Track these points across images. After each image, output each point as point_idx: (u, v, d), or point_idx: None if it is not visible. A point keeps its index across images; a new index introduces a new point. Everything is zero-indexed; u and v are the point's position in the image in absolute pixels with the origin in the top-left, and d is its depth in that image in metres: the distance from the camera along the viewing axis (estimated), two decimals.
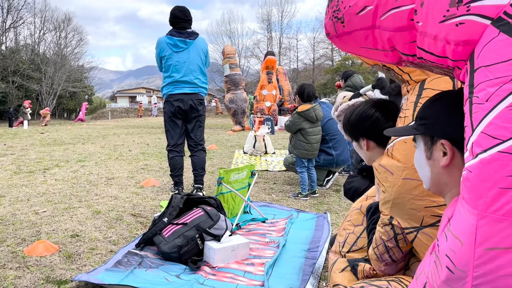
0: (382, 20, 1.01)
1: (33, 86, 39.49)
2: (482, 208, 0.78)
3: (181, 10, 4.15)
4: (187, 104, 4.09)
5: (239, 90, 13.98)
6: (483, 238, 0.78)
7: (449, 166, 1.01)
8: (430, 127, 1.04)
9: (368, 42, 1.09)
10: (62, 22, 46.75)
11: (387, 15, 1.00)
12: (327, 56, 50.87)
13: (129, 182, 4.88)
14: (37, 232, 3.01)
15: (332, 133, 4.57)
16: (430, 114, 1.06)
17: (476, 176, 0.80)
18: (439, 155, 1.02)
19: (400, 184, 1.38)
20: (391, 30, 1.01)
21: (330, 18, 1.14)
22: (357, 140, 1.75)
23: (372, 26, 1.05)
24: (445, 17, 0.86)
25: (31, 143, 9.43)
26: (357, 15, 1.05)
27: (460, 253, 0.83)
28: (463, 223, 0.83)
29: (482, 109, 0.80)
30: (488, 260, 0.78)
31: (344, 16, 1.09)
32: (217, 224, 2.65)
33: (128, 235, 3.01)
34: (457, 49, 0.87)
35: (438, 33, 0.89)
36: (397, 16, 0.98)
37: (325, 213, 3.57)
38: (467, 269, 0.81)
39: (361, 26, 1.07)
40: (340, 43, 1.18)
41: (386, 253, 1.44)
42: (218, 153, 7.69)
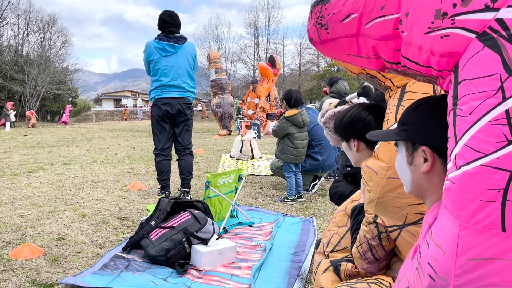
0: (366, 28, 1.01)
1: (16, 87, 38.84)
2: (464, 219, 0.80)
3: (170, 15, 4.17)
4: (175, 108, 4.10)
5: (225, 95, 14.00)
6: (465, 248, 0.80)
7: (429, 172, 1.02)
8: (412, 133, 1.05)
9: (352, 49, 1.09)
10: (46, 23, 46.18)
11: (372, 23, 0.99)
12: (313, 62, 51.26)
13: (115, 185, 4.86)
14: (22, 235, 2.99)
15: (318, 138, 4.63)
16: (412, 120, 1.06)
17: (459, 187, 0.81)
18: (420, 161, 1.03)
19: (384, 183, 1.42)
20: (376, 39, 1.01)
21: (314, 24, 1.14)
22: (347, 141, 1.80)
23: (357, 34, 1.04)
24: (430, 28, 0.87)
25: (14, 146, 9.28)
26: (341, 22, 1.05)
27: (442, 262, 0.84)
28: (446, 232, 0.85)
29: (466, 122, 0.81)
30: (470, 270, 0.80)
31: (328, 23, 1.08)
32: (205, 227, 2.67)
33: (115, 239, 3.00)
34: (442, 60, 0.88)
35: (423, 44, 0.89)
36: (382, 25, 0.98)
37: (311, 218, 3.61)
38: (448, 278, 0.82)
39: (345, 33, 1.06)
40: (324, 49, 1.18)
41: (369, 251, 1.49)
42: (205, 157, 7.70)
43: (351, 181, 2.55)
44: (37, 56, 44.39)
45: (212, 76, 14.14)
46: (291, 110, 4.32)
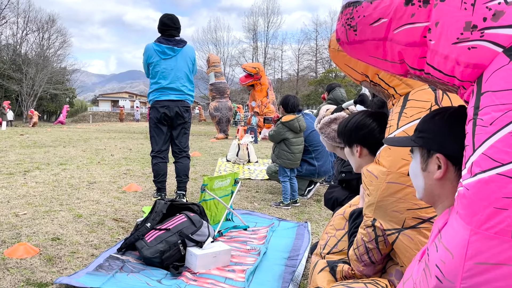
0: (395, 33, 1.04)
1: (13, 86, 38.77)
2: (475, 225, 0.83)
3: (170, 18, 4.20)
4: (173, 110, 4.12)
5: (224, 99, 14.03)
6: (474, 253, 0.83)
7: (442, 179, 1.05)
8: (428, 141, 1.08)
9: (378, 53, 1.12)
10: (45, 23, 46.18)
11: (400, 29, 1.02)
12: (311, 67, 51.46)
13: (111, 186, 4.87)
14: (18, 234, 2.99)
15: (315, 144, 4.66)
16: (429, 129, 1.09)
17: (473, 194, 0.84)
18: (434, 168, 1.06)
19: (384, 188, 1.45)
20: (403, 44, 1.03)
21: (343, 25, 1.16)
22: (350, 146, 1.83)
23: (384, 38, 1.07)
24: (458, 39, 0.90)
25: (11, 145, 9.27)
26: (370, 25, 1.08)
27: (450, 265, 0.87)
28: (456, 236, 0.88)
29: (485, 131, 0.84)
30: (477, 274, 0.83)
31: (357, 24, 1.11)
32: (200, 230, 2.68)
33: (110, 240, 3.01)
34: (466, 71, 0.91)
35: (450, 54, 0.92)
36: (410, 32, 1.01)
37: (306, 222, 3.63)
38: (455, 280, 0.85)
39: (373, 36, 1.09)
40: (350, 50, 1.21)
41: (366, 254, 1.52)
42: (202, 160, 7.71)
43: (346, 187, 2.58)
44: (35, 55, 44.35)
45: (211, 80, 14.18)
46: (288, 115, 4.35)
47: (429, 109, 1.44)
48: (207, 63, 14.52)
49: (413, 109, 1.47)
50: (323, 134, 2.51)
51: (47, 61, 44.52)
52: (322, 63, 51.04)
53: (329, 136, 2.48)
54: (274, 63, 52.98)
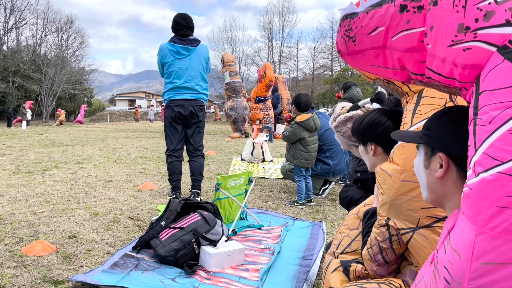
0: (393, 41, 1.06)
1: (33, 86, 39.56)
2: (480, 225, 0.83)
3: (184, 17, 4.22)
4: (188, 110, 4.14)
5: (239, 98, 13.98)
6: (480, 253, 0.83)
7: (443, 178, 1.06)
8: (432, 139, 1.09)
9: (379, 61, 1.14)
10: (64, 24, 47.03)
11: (398, 36, 1.05)
12: (326, 66, 51.20)
13: (127, 185, 4.92)
14: (35, 232, 3.04)
15: (330, 143, 4.62)
16: (435, 127, 1.10)
17: (477, 194, 0.84)
18: (436, 167, 1.07)
19: (398, 186, 1.43)
20: (402, 51, 1.06)
21: (342, 37, 1.19)
22: (364, 145, 1.81)
23: (383, 46, 1.09)
24: (453, 41, 0.91)
25: (30, 144, 9.45)
26: (368, 35, 1.10)
27: (458, 266, 0.87)
28: (462, 237, 0.88)
29: (485, 131, 0.85)
30: (483, 274, 0.83)
31: (355, 35, 1.14)
32: (214, 229, 2.69)
33: (125, 238, 3.04)
34: (464, 72, 0.92)
35: (446, 56, 0.94)
36: (408, 38, 1.03)
37: (321, 222, 3.61)
38: (462, 281, 0.85)
39: (372, 45, 1.12)
40: (351, 61, 1.23)
41: (380, 253, 1.50)
42: (216, 159, 7.73)
43: (361, 186, 2.54)
44: (54, 56, 45.19)
45: (226, 79, 14.15)
46: (303, 114, 4.32)
47: (443, 106, 1.43)
48: (222, 62, 14.50)
49: (427, 106, 1.46)
50: (338, 133, 2.48)
51: (66, 62, 45.32)
52: (338, 61, 50.69)
53: (344, 134, 2.45)
54: (290, 61, 52.88)
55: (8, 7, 41.75)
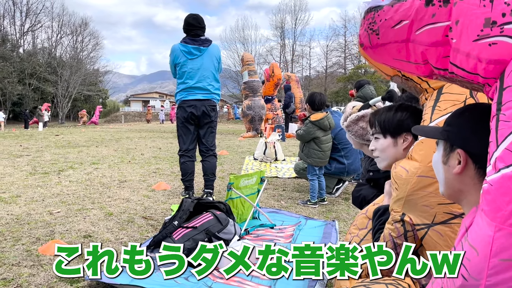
0: (417, 34, 1.05)
1: (49, 88, 40.19)
2: (500, 221, 0.82)
3: (195, 18, 4.24)
4: (200, 110, 4.17)
5: (257, 97, 13.86)
6: (499, 249, 0.82)
7: (461, 174, 1.06)
8: (452, 135, 1.09)
9: (402, 55, 1.13)
10: (79, 27, 47.69)
11: (422, 30, 1.04)
12: (339, 64, 50.91)
13: (141, 185, 4.97)
14: (51, 232, 3.10)
15: (345, 142, 4.59)
16: (456, 123, 1.10)
17: (497, 189, 0.84)
18: (454, 163, 1.07)
19: (415, 181, 1.42)
20: (426, 45, 1.05)
21: (365, 30, 1.18)
22: (395, 137, 1.73)
23: (407, 40, 1.08)
24: (479, 36, 0.90)
25: (46, 145, 9.61)
26: (392, 28, 1.09)
27: (475, 262, 0.87)
28: (480, 233, 0.87)
29: (508, 126, 0.84)
30: (502, 270, 0.82)
31: (379, 28, 1.13)
32: (226, 228, 2.70)
33: (139, 237, 3.07)
34: (488, 68, 0.91)
35: (471, 51, 0.93)
36: (432, 32, 1.02)
37: (333, 221, 3.59)
38: (480, 278, 0.85)
39: (395, 39, 1.10)
40: (374, 54, 1.22)
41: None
42: (229, 158, 7.76)
43: (373, 185, 2.53)
44: (69, 58, 45.84)
45: (244, 78, 14.08)
46: (317, 113, 4.30)
47: (463, 102, 1.41)
48: (241, 61, 14.44)
49: (447, 102, 1.44)
50: (350, 132, 2.46)
51: (81, 63, 45.92)
52: (351, 59, 50.41)
53: (356, 134, 2.43)
54: (302, 60, 52.72)
55: (24, 11, 42.57)
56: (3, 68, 34.75)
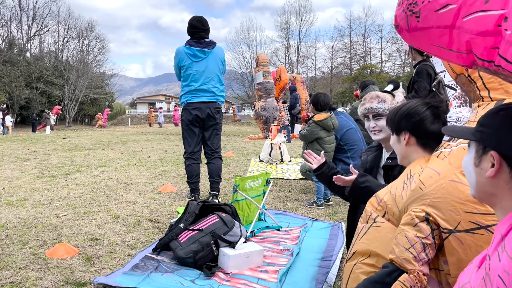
0: (464, 21, 0.95)
1: (56, 92, 40.45)
2: None
3: (199, 20, 4.25)
4: (205, 112, 4.17)
5: (270, 98, 13.73)
6: None
7: (494, 178, 0.99)
8: (486, 137, 1.02)
9: (442, 42, 1.03)
10: (85, 30, 47.98)
11: (471, 17, 0.93)
12: (345, 64, 50.76)
13: (147, 188, 4.98)
14: (58, 235, 3.11)
15: (351, 143, 4.57)
16: (490, 123, 1.03)
17: None
18: (487, 165, 1.00)
19: (445, 185, 1.39)
20: (473, 33, 0.94)
21: (404, 11, 1.08)
22: (398, 134, 1.79)
23: (451, 26, 0.98)
24: None
25: (53, 148, 9.67)
26: (436, 12, 0.99)
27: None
28: None
29: None
30: None
31: (421, 11, 1.02)
32: (232, 230, 2.70)
33: (146, 240, 3.08)
34: None
35: None
36: (482, 20, 0.91)
37: (340, 223, 3.58)
38: None
39: (438, 24, 1.00)
40: (410, 38, 1.13)
41: (423, 251, 1.40)
42: (235, 160, 7.76)
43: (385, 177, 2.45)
44: (76, 61, 46.13)
45: (259, 79, 13.92)
46: (321, 114, 4.29)
47: None
48: (256, 62, 14.23)
49: None
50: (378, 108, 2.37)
51: (87, 67, 46.18)
52: (357, 60, 50.27)
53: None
54: (308, 61, 52.64)
55: (30, 15, 42.89)
56: (10, 72, 35.05)
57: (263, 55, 14.79)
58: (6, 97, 34.04)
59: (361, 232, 1.73)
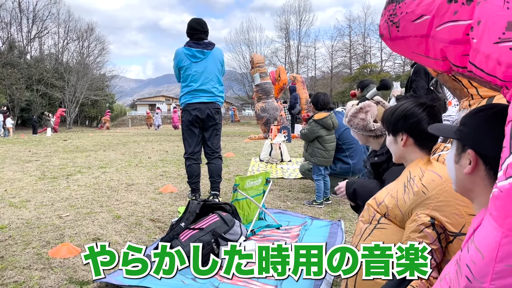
0: (437, 30, 1.04)
1: (56, 94, 40.47)
2: (508, 227, 0.83)
3: (198, 22, 4.29)
4: (204, 113, 4.21)
5: (270, 99, 13.67)
6: (505, 255, 0.83)
7: (471, 174, 1.06)
8: (464, 135, 1.09)
9: (421, 49, 1.12)
10: (85, 32, 47.92)
11: (443, 26, 1.02)
12: (345, 64, 50.74)
13: (148, 188, 5.02)
14: (61, 235, 3.15)
15: (349, 142, 4.61)
16: (468, 123, 1.09)
17: (507, 197, 0.83)
18: (465, 163, 1.07)
19: (448, 189, 1.41)
20: (446, 42, 1.03)
21: (386, 21, 1.18)
22: (395, 135, 1.79)
23: (427, 35, 1.07)
24: (500, 39, 0.88)
25: (55, 150, 9.71)
26: (412, 22, 1.08)
27: (481, 266, 0.87)
28: (488, 238, 0.88)
29: None
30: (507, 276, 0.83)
31: (400, 21, 1.12)
32: (232, 229, 2.73)
33: (147, 239, 3.12)
34: (507, 71, 0.89)
35: (491, 53, 0.91)
36: (453, 29, 1.00)
37: (339, 221, 3.61)
38: (484, 281, 0.86)
39: (415, 33, 1.10)
40: (393, 46, 1.22)
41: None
42: (235, 160, 7.79)
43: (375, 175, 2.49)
44: (76, 63, 46.11)
45: (256, 81, 13.83)
46: (320, 113, 4.33)
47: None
48: (251, 63, 14.10)
49: None
50: (352, 126, 2.48)
51: (87, 69, 46.15)
52: (357, 59, 50.25)
53: (358, 126, 2.45)
54: (308, 61, 52.63)
55: (30, 18, 42.90)
56: (11, 75, 35.06)
57: (258, 56, 14.69)
58: (7, 100, 34.07)
59: (364, 232, 1.75)
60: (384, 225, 1.65)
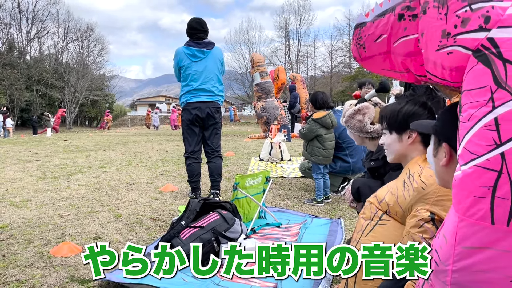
0: (394, 46, 1.18)
1: (56, 94, 40.49)
2: (461, 212, 0.93)
3: (198, 22, 4.30)
4: (204, 112, 4.22)
5: (270, 98, 13.65)
6: (462, 238, 0.93)
7: (447, 166, 1.14)
8: (439, 130, 1.18)
9: (386, 65, 1.26)
10: (84, 32, 47.96)
11: (398, 42, 1.16)
12: (345, 63, 50.73)
13: (149, 187, 5.03)
14: (62, 234, 3.16)
15: (349, 141, 4.62)
16: (441, 119, 1.19)
17: (459, 184, 0.94)
18: (442, 156, 1.16)
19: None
20: (403, 55, 1.17)
21: (355, 45, 1.33)
22: (400, 133, 1.77)
23: (388, 52, 1.21)
24: (439, 46, 1.00)
25: (55, 150, 9.72)
26: (374, 42, 1.22)
27: (444, 250, 0.97)
28: (449, 223, 0.98)
29: (465, 127, 0.94)
30: (465, 257, 0.92)
31: (365, 43, 1.26)
32: (232, 227, 2.75)
33: (148, 238, 3.13)
34: (452, 74, 1.00)
35: (436, 60, 1.03)
36: (406, 43, 1.14)
37: (339, 219, 3.62)
38: (448, 264, 0.96)
39: (378, 51, 1.24)
40: (365, 65, 1.36)
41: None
42: (235, 160, 7.81)
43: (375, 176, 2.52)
44: (75, 64, 46.13)
45: (256, 80, 13.82)
46: (319, 112, 4.35)
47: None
48: (251, 63, 14.03)
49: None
50: (349, 127, 2.50)
51: (87, 69, 46.16)
52: None
53: (355, 128, 2.47)
54: (307, 60, 52.65)
55: (30, 18, 42.91)
56: (10, 75, 35.08)
57: (258, 55, 14.69)
58: (7, 100, 34.08)
59: (366, 229, 1.76)
60: (385, 221, 1.67)
